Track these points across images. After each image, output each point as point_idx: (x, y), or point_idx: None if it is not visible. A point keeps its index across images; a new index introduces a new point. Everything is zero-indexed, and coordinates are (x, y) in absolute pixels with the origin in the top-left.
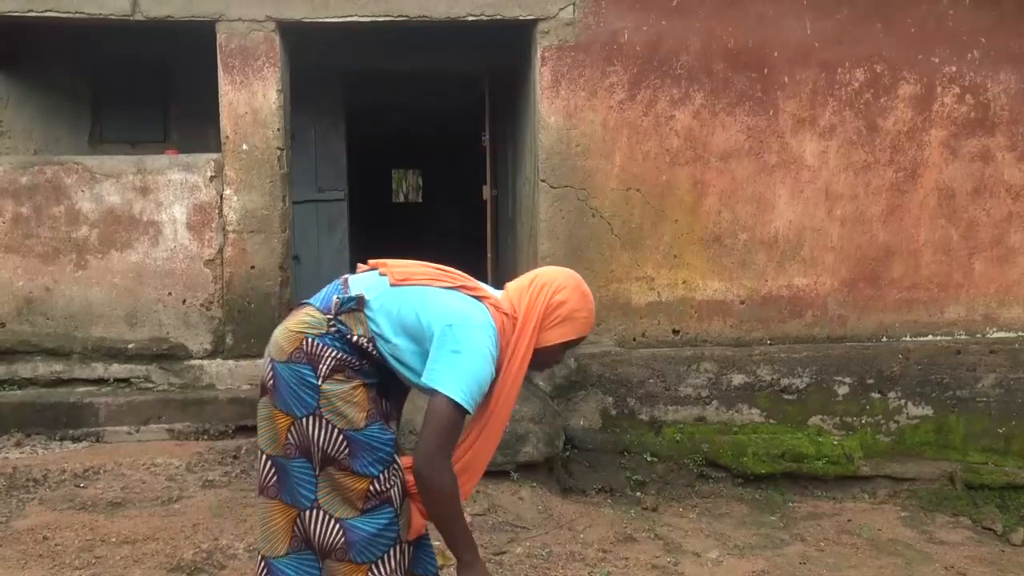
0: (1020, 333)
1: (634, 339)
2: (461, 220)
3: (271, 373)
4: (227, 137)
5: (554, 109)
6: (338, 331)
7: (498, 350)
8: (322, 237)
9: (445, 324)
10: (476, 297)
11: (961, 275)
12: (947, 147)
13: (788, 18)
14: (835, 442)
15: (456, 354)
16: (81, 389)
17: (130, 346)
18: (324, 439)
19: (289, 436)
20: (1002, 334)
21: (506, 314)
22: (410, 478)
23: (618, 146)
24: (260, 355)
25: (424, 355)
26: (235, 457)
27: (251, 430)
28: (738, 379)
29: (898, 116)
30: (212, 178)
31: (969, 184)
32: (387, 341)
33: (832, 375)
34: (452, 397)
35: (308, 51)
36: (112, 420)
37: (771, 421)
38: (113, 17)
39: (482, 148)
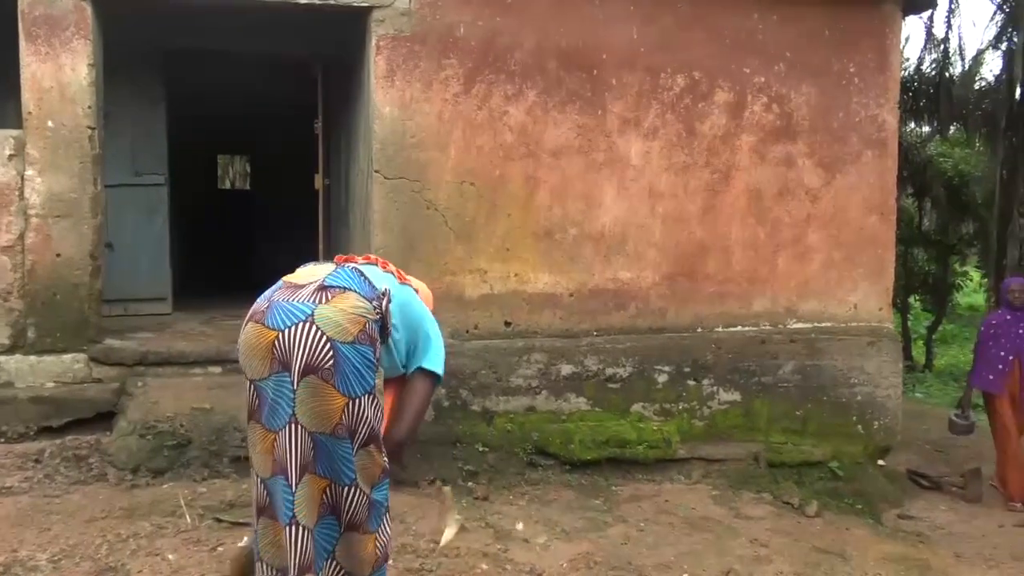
0: (815, 324)
1: (467, 331)
2: (292, 209)
3: (330, 353)
4: (30, 113)
5: (389, 99)
6: (381, 318)
7: None
8: (140, 223)
9: (426, 313)
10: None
11: (767, 271)
12: (756, 152)
13: (616, 22)
14: (655, 428)
15: (436, 337)
16: None
17: None
18: (375, 417)
19: (343, 416)
20: (800, 325)
21: None
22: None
23: (453, 139)
24: (67, 350)
25: (408, 344)
26: (37, 461)
27: (56, 431)
28: (566, 369)
29: (714, 121)
30: (12, 157)
31: (774, 187)
32: (396, 330)
33: (653, 364)
34: (439, 373)
35: (127, 25)
36: None
37: (597, 409)
38: None
39: (315, 136)
